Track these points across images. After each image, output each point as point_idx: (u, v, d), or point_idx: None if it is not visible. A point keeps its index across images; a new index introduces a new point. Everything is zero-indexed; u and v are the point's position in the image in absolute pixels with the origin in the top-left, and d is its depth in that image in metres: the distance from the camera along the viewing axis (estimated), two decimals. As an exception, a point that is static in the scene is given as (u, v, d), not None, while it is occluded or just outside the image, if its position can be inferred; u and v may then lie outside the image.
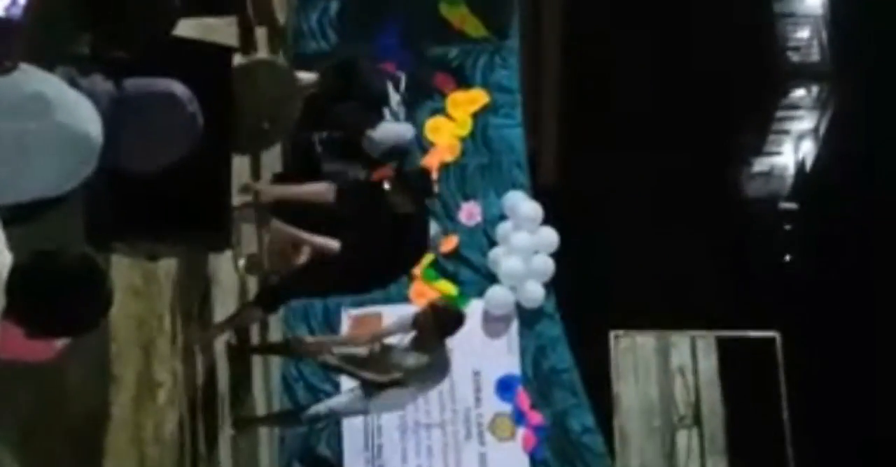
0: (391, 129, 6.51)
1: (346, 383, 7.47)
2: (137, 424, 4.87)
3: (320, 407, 6.74)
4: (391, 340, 6.56)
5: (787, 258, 19.97)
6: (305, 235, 5.97)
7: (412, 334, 6.40)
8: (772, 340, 9.48)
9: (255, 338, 7.13)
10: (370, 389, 6.47)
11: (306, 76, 6.32)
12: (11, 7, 2.54)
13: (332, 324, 8.43)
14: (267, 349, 7.25)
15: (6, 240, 2.58)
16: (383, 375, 6.36)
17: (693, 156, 16.50)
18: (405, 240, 5.94)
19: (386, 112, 6.57)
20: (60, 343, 2.80)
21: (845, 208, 17.57)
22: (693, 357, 9.38)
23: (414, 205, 5.91)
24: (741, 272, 16.08)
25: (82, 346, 4.07)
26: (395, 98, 6.65)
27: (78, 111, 2.55)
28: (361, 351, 6.56)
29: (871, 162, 17.12)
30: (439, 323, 6.39)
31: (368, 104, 6.55)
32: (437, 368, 6.54)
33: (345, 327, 8.34)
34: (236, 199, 5.59)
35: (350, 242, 5.83)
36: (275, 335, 7.80)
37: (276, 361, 7.97)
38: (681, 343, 9.43)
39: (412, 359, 6.34)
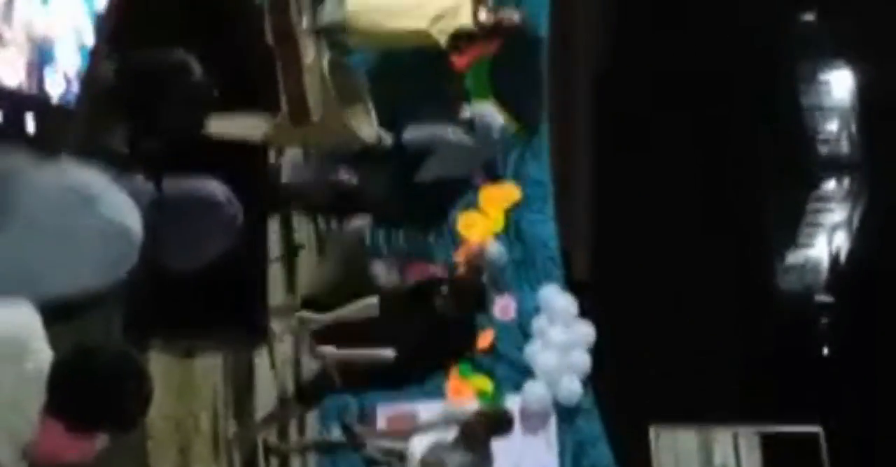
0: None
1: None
2: (173, 526, 4.79)
3: None
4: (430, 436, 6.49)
5: (826, 351, 19.70)
6: (357, 353, 5.92)
7: (455, 432, 6.33)
8: (815, 436, 9.29)
9: (292, 436, 7.06)
10: None
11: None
12: (67, 94, 2.58)
13: (366, 423, 8.33)
14: (303, 448, 7.17)
15: (46, 336, 2.57)
16: None
17: (727, 249, 16.44)
18: (445, 341, 5.91)
19: None
20: (100, 442, 2.77)
21: (882, 300, 17.37)
22: (736, 453, 9.19)
23: (461, 312, 5.88)
24: (781, 366, 15.84)
25: (119, 445, 4.02)
26: None
27: (120, 207, 2.56)
28: (401, 445, 6.50)
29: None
30: (490, 429, 6.40)
31: None
32: (483, 465, 6.48)
33: (380, 425, 8.25)
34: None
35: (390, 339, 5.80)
36: (311, 434, 7.72)
37: (312, 459, 7.85)
38: (723, 439, 9.26)
39: (457, 459, 6.27)
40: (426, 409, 8.16)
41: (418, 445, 6.46)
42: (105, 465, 3.65)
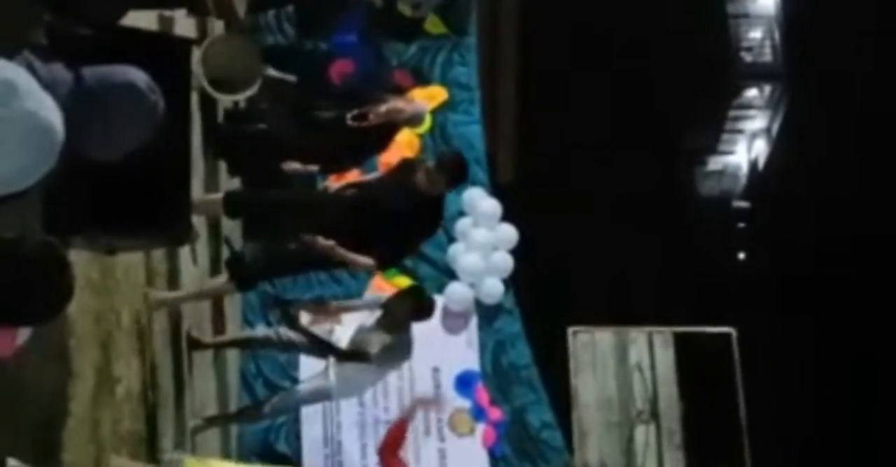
0: None
1: (305, 373, 7.49)
2: (95, 420, 4.82)
3: (281, 397, 6.75)
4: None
5: (741, 255, 20.19)
6: (341, 251, 5.94)
7: (378, 314, 6.51)
8: (728, 336, 9.55)
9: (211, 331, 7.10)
10: (334, 355, 6.54)
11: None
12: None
13: (288, 317, 8.38)
14: (227, 343, 7.21)
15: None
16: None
17: (648, 154, 16.65)
18: (416, 224, 6.03)
19: None
20: (21, 337, 2.76)
21: (797, 206, 17.79)
22: (650, 352, 9.42)
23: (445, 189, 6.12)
24: (697, 269, 16.21)
25: (40, 341, 4.02)
26: None
27: (44, 102, 2.51)
28: (325, 327, 6.65)
29: (822, 160, 17.34)
30: (412, 312, 6.57)
31: None
32: (402, 348, 6.69)
33: (303, 319, 8.30)
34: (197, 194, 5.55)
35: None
36: (231, 327, 7.76)
37: (233, 357, 7.90)
38: (638, 339, 9.46)
39: (377, 339, 6.44)
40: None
41: (343, 336, 6.58)
42: (24, 360, 3.66)
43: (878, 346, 15.24)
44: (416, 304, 6.56)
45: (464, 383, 8.58)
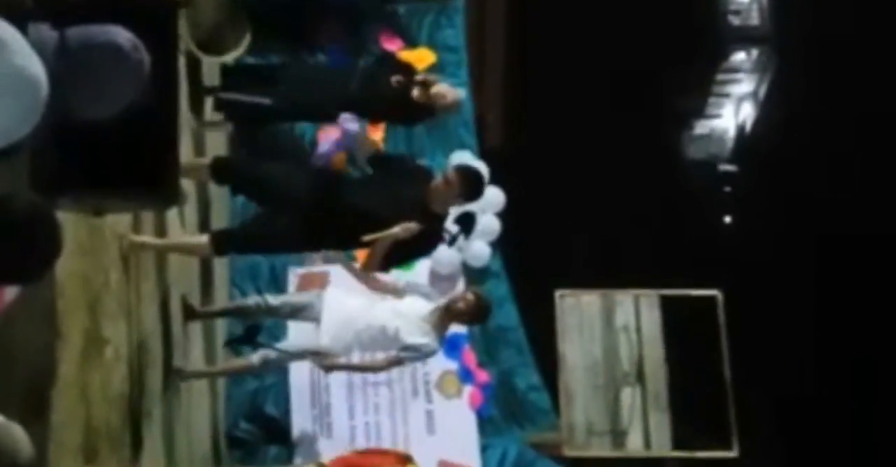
0: None
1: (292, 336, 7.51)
2: (84, 382, 4.82)
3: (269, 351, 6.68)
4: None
5: (728, 219, 20.26)
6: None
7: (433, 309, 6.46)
8: (713, 298, 9.60)
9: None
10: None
11: None
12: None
13: (279, 283, 8.40)
14: (219, 313, 7.22)
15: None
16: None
17: (636, 117, 16.63)
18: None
19: None
20: (9, 296, 2.76)
21: (784, 170, 17.83)
22: (637, 315, 9.46)
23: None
24: (683, 232, 16.26)
25: (28, 303, 4.02)
26: None
27: (32, 59, 2.51)
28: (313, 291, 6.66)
29: (809, 124, 17.36)
30: (479, 314, 6.62)
31: None
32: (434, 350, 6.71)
33: (292, 286, 8.32)
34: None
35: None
36: (220, 288, 7.78)
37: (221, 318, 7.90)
38: (625, 301, 9.51)
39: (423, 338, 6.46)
40: (337, 271, 8.24)
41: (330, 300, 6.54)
42: (12, 322, 3.66)
43: (866, 309, 15.34)
44: (480, 311, 6.53)
45: (451, 345, 8.58)
